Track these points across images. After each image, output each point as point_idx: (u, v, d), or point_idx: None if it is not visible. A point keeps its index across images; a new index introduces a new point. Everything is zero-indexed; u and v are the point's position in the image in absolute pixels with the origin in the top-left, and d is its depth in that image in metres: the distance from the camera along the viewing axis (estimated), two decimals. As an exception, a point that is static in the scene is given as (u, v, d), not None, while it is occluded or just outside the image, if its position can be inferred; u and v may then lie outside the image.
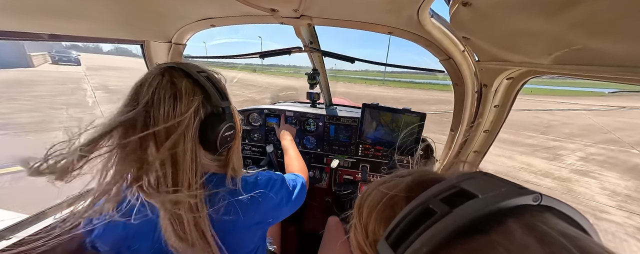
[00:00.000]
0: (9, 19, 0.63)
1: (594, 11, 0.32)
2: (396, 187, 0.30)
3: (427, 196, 0.25)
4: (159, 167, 0.47)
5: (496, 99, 0.84)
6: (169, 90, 0.50)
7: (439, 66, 0.95)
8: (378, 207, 0.30)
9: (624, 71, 0.38)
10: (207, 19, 0.90)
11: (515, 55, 0.59)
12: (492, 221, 0.21)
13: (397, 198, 0.29)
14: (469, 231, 0.21)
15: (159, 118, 0.48)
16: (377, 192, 0.32)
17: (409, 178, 0.31)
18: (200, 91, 0.53)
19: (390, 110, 1.20)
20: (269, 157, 1.54)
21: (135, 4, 0.71)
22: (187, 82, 0.52)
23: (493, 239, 0.20)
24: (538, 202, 0.22)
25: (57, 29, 0.75)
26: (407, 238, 0.22)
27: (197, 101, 0.52)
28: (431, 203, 0.24)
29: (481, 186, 0.24)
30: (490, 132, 0.94)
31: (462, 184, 0.25)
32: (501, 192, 0.23)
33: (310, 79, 1.52)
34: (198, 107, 0.52)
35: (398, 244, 0.23)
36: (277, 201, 0.65)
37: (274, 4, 0.69)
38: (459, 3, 0.47)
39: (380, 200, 0.30)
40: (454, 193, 0.24)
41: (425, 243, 0.21)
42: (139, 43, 1.04)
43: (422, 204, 0.24)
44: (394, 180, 0.32)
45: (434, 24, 0.72)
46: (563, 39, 0.41)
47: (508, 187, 0.23)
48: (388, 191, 0.30)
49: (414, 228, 0.23)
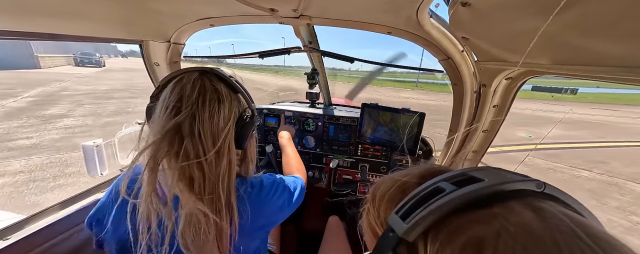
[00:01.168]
0: (7, 18, 0.63)
1: (591, 12, 0.32)
2: (409, 174, 0.33)
3: (438, 179, 0.27)
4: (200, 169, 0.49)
5: (495, 99, 0.84)
6: (214, 94, 0.52)
7: (438, 66, 0.96)
8: (390, 190, 0.33)
9: (622, 71, 0.38)
10: (206, 18, 0.90)
11: (513, 55, 0.59)
12: (495, 199, 0.23)
13: (409, 183, 0.32)
14: (472, 205, 0.23)
15: (205, 122, 0.49)
16: (391, 179, 0.34)
17: (422, 168, 0.34)
18: (235, 95, 0.57)
19: (389, 110, 1.20)
20: (268, 157, 1.54)
21: (133, 4, 0.71)
22: (224, 86, 0.55)
23: (494, 211, 0.22)
24: (541, 189, 0.24)
25: (55, 29, 0.75)
26: (416, 209, 0.24)
27: (236, 105, 0.56)
28: (441, 184, 0.26)
29: (489, 174, 0.26)
30: (489, 132, 0.95)
31: (471, 173, 0.26)
32: (506, 178, 0.24)
33: (310, 78, 1.52)
34: (235, 110, 0.55)
35: (407, 216, 0.25)
36: (280, 204, 0.65)
37: (273, 4, 0.69)
38: (458, 3, 0.48)
39: (393, 185, 0.33)
40: (463, 178, 0.26)
41: (432, 212, 0.23)
42: (138, 43, 1.04)
43: (433, 184, 0.26)
44: (407, 170, 0.36)
45: (433, 24, 0.72)
46: (561, 39, 0.41)
47: (513, 175, 0.25)
48: (401, 178, 0.33)
49: (423, 202, 0.25)
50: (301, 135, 1.61)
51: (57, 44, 25.26)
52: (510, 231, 0.20)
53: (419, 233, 0.23)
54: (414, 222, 0.23)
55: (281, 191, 0.67)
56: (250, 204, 0.57)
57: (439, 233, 0.23)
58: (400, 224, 0.24)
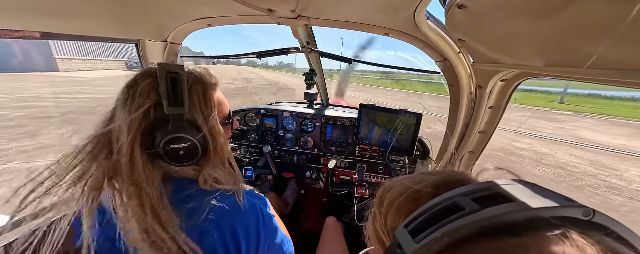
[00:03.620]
0: (3, 17, 0.62)
1: (585, 15, 0.33)
2: (422, 182, 0.30)
3: (456, 193, 0.23)
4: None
5: (491, 100, 0.85)
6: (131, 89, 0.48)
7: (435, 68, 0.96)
8: (400, 198, 0.30)
9: (616, 74, 0.39)
10: (204, 18, 0.90)
11: (509, 57, 0.59)
12: (527, 227, 0.19)
13: (422, 193, 0.29)
14: (497, 231, 0.19)
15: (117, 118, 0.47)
16: (402, 185, 0.31)
17: (438, 177, 0.30)
18: (156, 94, 0.48)
19: (387, 111, 1.21)
20: (266, 158, 1.53)
21: (130, 3, 0.70)
22: (149, 84, 0.48)
23: (524, 241, 0.18)
24: (589, 218, 0.19)
25: (51, 28, 0.74)
26: (429, 227, 0.21)
27: (149, 104, 0.47)
28: (459, 200, 0.22)
29: (520, 192, 0.21)
30: (485, 133, 0.96)
31: (497, 188, 0.22)
32: (543, 200, 0.20)
33: (308, 79, 1.52)
34: (149, 110, 0.47)
35: (418, 233, 0.22)
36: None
37: (272, 5, 0.69)
38: (455, 6, 0.48)
39: (404, 192, 0.30)
40: (487, 195, 0.22)
41: (448, 234, 0.20)
42: (134, 42, 1.03)
43: (450, 199, 0.23)
44: (421, 176, 0.32)
45: (430, 26, 0.73)
46: (556, 41, 0.42)
47: (552, 197, 0.21)
48: (413, 185, 0.29)
49: (437, 219, 0.21)
50: (299, 135, 1.61)
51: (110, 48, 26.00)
52: None
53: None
54: (426, 243, 0.20)
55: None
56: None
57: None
58: (410, 242, 0.21)
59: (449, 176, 0.30)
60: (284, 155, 1.68)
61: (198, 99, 0.53)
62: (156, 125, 0.48)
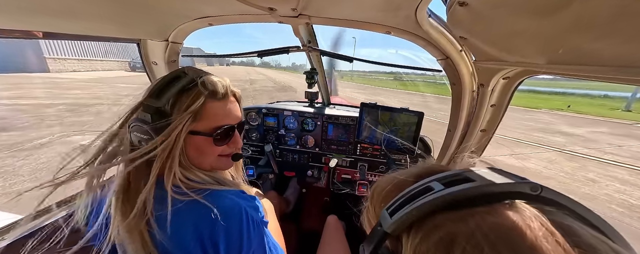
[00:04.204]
0: (3, 17, 0.62)
1: (587, 12, 0.32)
2: (406, 173, 0.34)
3: (430, 179, 0.27)
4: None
5: (493, 98, 0.85)
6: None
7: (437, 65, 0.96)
8: (387, 187, 0.34)
9: (617, 71, 0.39)
10: (205, 17, 0.90)
11: (511, 55, 0.59)
12: (482, 200, 0.22)
13: (405, 182, 0.33)
14: (456, 205, 0.23)
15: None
16: (390, 178, 0.35)
17: (420, 167, 0.35)
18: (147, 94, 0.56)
19: (388, 109, 1.21)
20: (267, 157, 1.54)
21: (131, 2, 0.70)
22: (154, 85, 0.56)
23: (475, 210, 0.22)
24: (537, 192, 0.22)
25: (53, 27, 0.74)
26: (403, 207, 0.25)
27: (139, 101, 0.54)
28: (432, 183, 0.26)
29: (483, 175, 0.25)
30: (486, 131, 0.95)
31: (466, 173, 0.26)
32: (499, 178, 0.23)
33: (309, 78, 1.52)
34: (137, 108, 0.53)
35: (395, 212, 0.26)
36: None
37: (272, 3, 0.69)
38: (456, 3, 0.48)
39: (390, 183, 0.34)
40: (456, 179, 0.26)
41: (416, 209, 0.24)
42: (135, 41, 1.04)
43: (424, 184, 0.27)
44: (407, 170, 0.36)
45: (432, 24, 0.73)
46: (557, 39, 0.42)
47: (510, 177, 0.24)
48: (399, 176, 0.34)
49: (411, 200, 0.25)
50: (300, 134, 1.62)
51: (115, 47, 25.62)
52: (483, 230, 0.20)
53: (402, 228, 0.25)
54: (398, 218, 0.25)
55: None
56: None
57: (420, 228, 0.24)
58: (388, 219, 0.26)
59: (432, 167, 0.34)
60: (285, 154, 1.69)
61: (184, 101, 0.53)
62: (136, 111, 0.53)
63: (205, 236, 0.50)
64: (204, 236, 0.50)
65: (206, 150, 0.58)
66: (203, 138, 0.56)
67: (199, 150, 0.57)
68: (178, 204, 0.49)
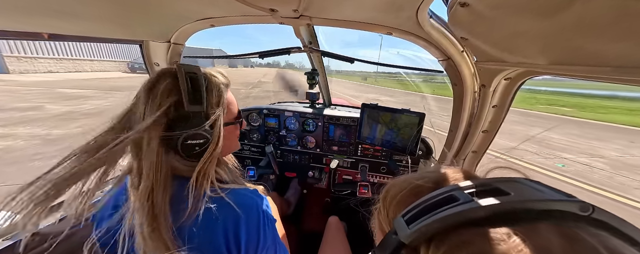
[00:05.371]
0: (5, 18, 0.63)
1: (589, 12, 0.32)
2: (424, 178, 0.31)
3: (453, 187, 0.24)
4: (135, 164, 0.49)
5: (494, 99, 0.85)
6: (149, 89, 0.50)
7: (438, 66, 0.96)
8: (402, 192, 0.31)
9: (620, 72, 0.39)
10: (207, 18, 0.90)
11: (512, 55, 0.59)
12: (521, 218, 0.19)
13: (423, 187, 0.30)
14: (488, 221, 0.20)
15: (136, 119, 0.49)
16: (405, 181, 0.33)
17: (439, 172, 0.32)
18: (176, 93, 0.51)
19: (389, 110, 1.21)
20: (268, 158, 1.54)
21: (134, 4, 0.71)
22: (169, 83, 0.51)
23: (513, 230, 0.19)
24: (587, 213, 0.18)
25: (54, 29, 0.75)
26: (423, 216, 0.22)
27: (169, 102, 0.50)
28: (456, 193, 0.23)
29: (519, 188, 0.21)
30: (488, 132, 0.95)
31: (497, 183, 0.23)
32: (540, 195, 0.20)
33: (310, 79, 1.52)
34: (169, 109, 0.50)
35: (413, 220, 0.23)
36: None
37: (274, 4, 0.69)
38: (457, 4, 0.48)
39: (406, 187, 0.32)
40: (484, 189, 0.23)
41: (438, 220, 0.21)
42: (138, 43, 1.04)
43: (448, 192, 0.24)
44: (424, 173, 0.34)
45: (433, 25, 0.73)
46: (560, 39, 0.42)
47: (552, 192, 0.21)
48: (415, 181, 0.31)
49: (432, 209, 0.23)
50: (301, 135, 1.62)
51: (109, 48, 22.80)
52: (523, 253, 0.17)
53: (421, 240, 0.22)
54: (417, 229, 0.22)
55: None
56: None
57: (443, 242, 0.21)
58: (405, 228, 0.23)
59: (452, 173, 0.32)
60: (286, 154, 1.69)
61: (212, 98, 0.56)
62: (175, 121, 0.51)
63: (230, 231, 0.52)
64: (229, 232, 0.52)
65: (232, 137, 0.65)
66: (232, 127, 0.63)
67: (228, 139, 0.62)
68: (212, 203, 0.51)
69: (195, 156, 0.54)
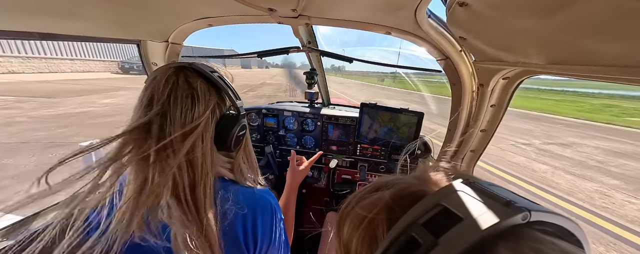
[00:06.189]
0: (2, 17, 0.62)
1: (588, 11, 0.32)
2: (375, 207, 0.29)
3: (408, 222, 0.23)
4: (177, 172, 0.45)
5: (493, 98, 0.85)
6: (186, 90, 0.48)
7: (436, 66, 0.96)
8: (358, 231, 0.29)
9: (618, 71, 0.39)
10: (205, 18, 0.90)
11: (511, 55, 0.59)
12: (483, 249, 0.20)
13: (377, 219, 0.28)
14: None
15: (175, 122, 0.46)
16: (356, 214, 0.30)
17: (388, 196, 0.29)
18: (215, 91, 0.53)
19: (388, 110, 1.21)
20: (268, 158, 1.54)
21: (131, 3, 0.70)
22: (202, 82, 0.51)
23: None
24: (527, 220, 0.21)
25: (50, 28, 0.74)
26: None
27: (214, 101, 0.51)
28: (414, 230, 0.22)
29: (464, 204, 0.22)
30: (486, 131, 0.95)
31: (444, 201, 0.23)
32: (487, 213, 0.21)
33: (308, 78, 1.52)
34: (214, 108, 0.52)
35: None
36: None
37: (272, 4, 0.69)
38: (456, 3, 0.48)
39: (360, 223, 0.29)
40: (437, 213, 0.23)
41: None
42: (136, 43, 1.04)
43: (404, 233, 0.23)
44: (372, 197, 0.30)
45: (431, 24, 0.73)
46: (558, 39, 0.42)
47: (493, 204, 0.22)
48: (367, 214, 0.28)
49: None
50: (300, 135, 1.61)
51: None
52: None
53: None
54: None
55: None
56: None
57: None
58: None
59: (400, 191, 0.29)
60: (285, 154, 1.69)
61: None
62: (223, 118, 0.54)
63: (249, 227, 0.53)
64: (247, 227, 0.53)
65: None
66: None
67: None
68: (233, 196, 0.53)
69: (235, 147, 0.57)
